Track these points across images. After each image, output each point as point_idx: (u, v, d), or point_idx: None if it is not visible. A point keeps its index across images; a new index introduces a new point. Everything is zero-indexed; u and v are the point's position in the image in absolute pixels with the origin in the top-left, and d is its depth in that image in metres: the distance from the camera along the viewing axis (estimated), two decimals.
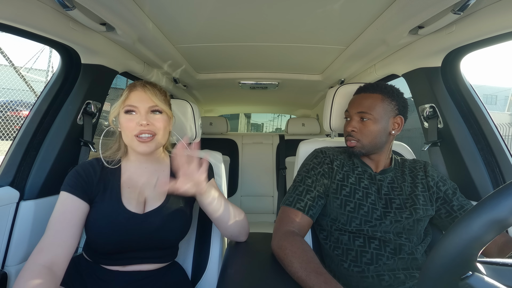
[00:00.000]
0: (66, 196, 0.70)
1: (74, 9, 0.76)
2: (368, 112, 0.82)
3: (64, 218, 0.68)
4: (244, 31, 1.08)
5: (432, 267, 0.36)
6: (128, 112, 0.75)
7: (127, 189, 0.77)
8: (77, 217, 0.69)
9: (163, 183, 0.81)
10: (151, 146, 0.76)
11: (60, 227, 0.67)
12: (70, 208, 0.69)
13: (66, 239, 0.66)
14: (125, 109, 0.75)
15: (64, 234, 0.66)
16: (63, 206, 0.69)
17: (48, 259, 0.62)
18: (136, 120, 0.74)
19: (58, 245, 0.65)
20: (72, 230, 0.68)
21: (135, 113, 0.75)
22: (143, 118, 0.74)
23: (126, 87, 0.80)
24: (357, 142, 0.84)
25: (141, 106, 0.75)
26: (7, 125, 4.40)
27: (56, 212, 0.69)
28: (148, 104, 0.75)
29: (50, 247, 0.64)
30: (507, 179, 0.88)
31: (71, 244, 0.67)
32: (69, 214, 0.69)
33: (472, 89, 0.98)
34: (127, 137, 0.76)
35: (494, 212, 0.33)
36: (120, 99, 0.77)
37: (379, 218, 0.79)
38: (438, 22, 0.82)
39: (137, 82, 0.80)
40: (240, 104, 2.88)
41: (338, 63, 1.38)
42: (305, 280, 0.61)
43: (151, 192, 0.79)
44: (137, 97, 0.76)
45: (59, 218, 0.68)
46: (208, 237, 0.99)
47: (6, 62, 4.13)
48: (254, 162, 2.38)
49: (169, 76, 1.64)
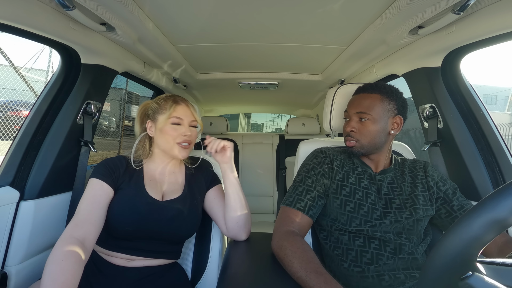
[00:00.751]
0: (96, 182, 0.79)
1: (74, 9, 0.76)
2: (367, 112, 0.82)
3: (94, 200, 0.76)
4: (244, 31, 1.08)
5: (432, 267, 0.36)
6: (175, 123, 0.87)
7: (149, 181, 0.87)
8: (105, 200, 0.77)
9: (180, 181, 0.92)
10: (188, 152, 0.90)
11: (91, 207, 0.74)
12: (100, 192, 0.77)
13: (96, 219, 0.73)
14: (172, 120, 0.86)
15: (94, 214, 0.74)
16: (93, 190, 0.77)
17: (82, 234, 0.69)
18: (181, 131, 0.87)
19: (90, 223, 0.72)
20: (101, 212, 0.75)
21: (180, 124, 0.87)
22: (187, 130, 0.87)
23: (167, 100, 0.89)
24: (356, 142, 0.84)
25: (185, 119, 0.88)
26: (7, 125, 4.40)
27: (87, 195, 0.77)
28: (191, 119, 0.89)
29: (83, 224, 0.71)
30: (507, 179, 0.88)
31: (99, 225, 0.74)
32: (99, 197, 0.77)
33: (472, 89, 0.98)
34: (168, 143, 0.86)
35: (494, 212, 0.33)
36: (167, 111, 0.86)
37: (379, 218, 0.79)
38: (438, 22, 0.82)
39: (178, 98, 0.90)
40: (240, 104, 2.88)
41: (338, 63, 1.38)
42: (305, 280, 0.61)
43: (169, 187, 0.89)
44: (182, 111, 0.88)
45: (90, 200, 0.76)
46: (208, 237, 0.99)
47: (6, 62, 4.13)
48: (254, 162, 2.38)
49: (169, 76, 1.64)
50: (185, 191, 0.90)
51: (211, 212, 0.93)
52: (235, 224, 0.87)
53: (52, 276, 0.58)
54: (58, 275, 0.59)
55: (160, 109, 0.88)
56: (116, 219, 0.77)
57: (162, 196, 0.86)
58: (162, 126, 0.86)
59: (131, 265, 0.80)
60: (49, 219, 0.95)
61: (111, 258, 0.80)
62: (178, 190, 0.89)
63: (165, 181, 0.90)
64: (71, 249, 0.64)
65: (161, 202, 0.84)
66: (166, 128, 0.86)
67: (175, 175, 0.93)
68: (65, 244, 0.65)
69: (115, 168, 0.83)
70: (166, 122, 0.86)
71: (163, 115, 0.86)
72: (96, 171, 0.81)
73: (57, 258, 0.62)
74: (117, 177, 0.83)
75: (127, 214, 0.78)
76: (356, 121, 0.85)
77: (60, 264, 0.61)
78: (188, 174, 0.95)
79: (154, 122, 0.88)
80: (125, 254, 0.79)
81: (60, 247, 0.64)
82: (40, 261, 0.94)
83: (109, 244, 0.80)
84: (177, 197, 0.87)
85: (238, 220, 0.87)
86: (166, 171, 0.91)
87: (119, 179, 0.83)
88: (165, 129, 0.86)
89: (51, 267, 0.60)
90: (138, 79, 1.49)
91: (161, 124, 0.86)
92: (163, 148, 0.88)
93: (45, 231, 0.94)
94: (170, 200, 0.85)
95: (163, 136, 0.87)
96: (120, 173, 0.83)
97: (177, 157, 0.88)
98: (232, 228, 0.88)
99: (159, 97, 0.92)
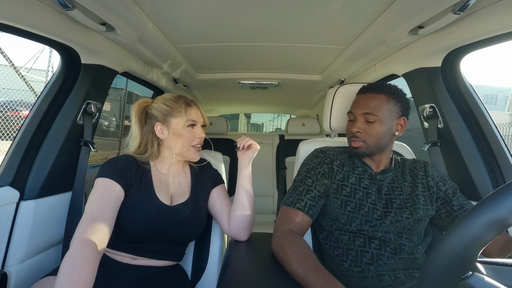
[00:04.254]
0: (110, 182, 0.75)
1: (74, 9, 0.76)
2: (374, 113, 0.81)
3: (110, 202, 0.72)
4: (244, 31, 1.08)
5: (432, 267, 0.36)
6: (191, 126, 0.88)
7: (158, 184, 0.86)
8: (118, 203, 0.75)
9: (186, 183, 0.93)
10: (199, 154, 0.92)
11: (107, 209, 0.71)
12: (114, 194, 0.74)
13: (111, 222, 0.70)
14: (189, 123, 0.87)
15: (110, 217, 0.71)
16: (108, 191, 0.74)
17: (99, 238, 0.65)
18: (197, 132, 0.89)
19: (106, 226, 0.68)
20: (114, 215, 0.72)
21: (195, 126, 0.89)
22: (202, 132, 0.90)
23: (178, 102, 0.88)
24: (362, 143, 0.84)
25: (199, 121, 0.90)
26: (7, 125, 4.40)
27: (102, 195, 0.73)
28: (202, 120, 0.91)
29: (101, 227, 0.67)
30: (507, 179, 0.88)
31: (112, 227, 0.71)
32: (113, 199, 0.74)
33: (472, 89, 0.98)
34: (185, 146, 0.87)
35: (494, 212, 0.33)
36: (183, 115, 0.86)
37: (379, 218, 0.79)
38: (438, 22, 0.82)
39: (188, 100, 0.90)
40: (240, 104, 2.88)
41: (338, 63, 1.38)
42: (303, 277, 0.61)
43: (176, 189, 0.89)
44: (195, 113, 0.89)
45: (106, 201, 0.72)
46: (208, 237, 1.00)
47: (6, 62, 4.13)
48: (254, 162, 2.34)
49: (169, 76, 1.64)
50: (192, 194, 0.90)
51: (214, 211, 0.94)
52: (240, 224, 0.87)
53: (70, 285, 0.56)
54: (76, 285, 0.56)
55: (173, 112, 0.86)
56: (127, 223, 0.76)
57: (170, 200, 0.86)
58: (180, 130, 0.85)
59: (135, 264, 0.80)
60: (49, 219, 0.95)
61: (116, 256, 0.80)
62: (185, 193, 0.89)
63: (172, 182, 0.90)
64: (90, 256, 0.61)
65: (171, 208, 0.83)
66: (183, 132, 0.86)
67: (180, 176, 0.93)
68: (84, 248, 0.62)
69: (127, 170, 0.81)
70: (184, 126, 0.86)
71: (179, 118, 0.86)
72: (108, 171, 0.77)
73: (77, 264, 0.59)
74: (129, 179, 0.80)
75: (139, 219, 0.77)
76: (362, 122, 0.84)
77: (80, 273, 0.58)
78: (193, 175, 0.95)
79: (166, 125, 0.86)
80: (131, 254, 0.80)
81: (79, 251, 0.61)
82: (40, 261, 0.94)
83: (115, 244, 0.80)
84: (185, 200, 0.87)
85: (244, 219, 0.88)
86: (173, 172, 0.91)
87: (131, 181, 0.81)
88: (183, 133, 0.86)
89: (70, 275, 0.57)
90: (138, 79, 1.49)
91: (179, 128, 0.85)
92: (179, 151, 0.88)
93: (45, 231, 0.94)
94: (178, 205, 0.85)
95: (179, 140, 0.86)
96: (132, 175, 0.81)
97: (192, 159, 0.90)
98: (235, 227, 0.88)
99: (165, 98, 0.89)
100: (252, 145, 0.92)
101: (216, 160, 1.11)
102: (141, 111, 0.90)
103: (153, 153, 0.89)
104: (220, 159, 1.14)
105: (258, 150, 0.93)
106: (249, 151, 0.92)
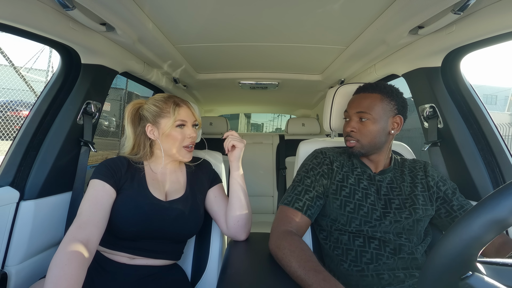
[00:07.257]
0: (98, 182, 0.77)
1: (74, 9, 0.76)
2: (367, 112, 0.82)
3: (97, 201, 0.74)
4: (244, 31, 1.08)
5: (432, 267, 0.36)
6: (180, 126, 0.86)
7: (151, 181, 0.86)
8: (107, 201, 0.76)
9: (181, 180, 0.92)
10: (192, 155, 0.90)
11: (94, 209, 0.73)
12: (102, 193, 0.76)
13: (99, 220, 0.72)
14: (178, 123, 0.86)
15: (97, 216, 0.72)
16: (96, 191, 0.76)
17: (85, 236, 0.68)
18: (187, 132, 0.87)
19: (93, 224, 0.71)
20: (103, 213, 0.74)
21: (185, 126, 0.87)
22: (192, 131, 0.88)
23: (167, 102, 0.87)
24: (356, 142, 0.84)
25: (189, 121, 0.88)
26: (7, 125, 4.40)
27: (89, 196, 0.75)
28: (193, 119, 0.89)
29: (86, 226, 0.70)
30: (507, 179, 0.88)
31: (102, 226, 0.73)
32: (101, 198, 0.75)
33: (472, 89, 0.98)
34: (175, 147, 0.86)
35: (494, 212, 0.33)
36: (171, 115, 0.85)
37: (378, 219, 0.79)
38: (438, 22, 0.82)
39: (177, 99, 0.89)
40: (240, 104, 2.87)
41: (338, 63, 1.38)
42: (304, 278, 0.61)
43: (171, 186, 0.89)
44: (185, 112, 0.87)
45: (93, 201, 0.74)
46: (208, 237, 1.00)
47: (6, 62, 4.13)
48: (254, 162, 2.38)
49: (169, 76, 1.64)
50: (187, 191, 0.90)
51: (212, 211, 0.94)
52: (236, 223, 0.87)
53: (55, 281, 0.58)
54: (61, 280, 0.59)
55: (162, 112, 0.86)
56: (121, 219, 0.77)
57: (165, 196, 0.86)
58: (169, 131, 0.85)
59: (133, 263, 0.80)
60: (49, 219, 0.95)
61: (113, 256, 0.80)
62: (180, 190, 0.89)
63: (167, 180, 0.90)
64: (75, 253, 0.63)
65: (165, 202, 0.84)
66: (172, 132, 0.85)
67: (176, 174, 0.93)
68: (68, 247, 0.64)
69: (116, 169, 0.82)
70: (172, 127, 0.85)
71: (167, 119, 0.85)
72: (97, 172, 0.79)
73: (61, 262, 0.62)
74: (119, 177, 0.82)
75: (132, 214, 0.78)
76: (356, 121, 0.85)
77: (64, 269, 0.60)
78: (189, 173, 0.95)
79: (156, 126, 0.87)
80: (128, 254, 0.80)
81: (63, 250, 0.64)
82: (40, 261, 0.94)
83: (112, 243, 0.80)
84: (179, 196, 0.87)
85: (239, 219, 0.87)
86: (168, 170, 0.91)
87: (121, 180, 0.82)
88: (172, 133, 0.85)
89: (55, 272, 0.60)
90: (138, 79, 1.49)
91: (167, 129, 0.85)
92: (169, 153, 0.88)
93: (45, 231, 0.94)
94: (173, 200, 0.85)
95: (168, 141, 0.86)
96: (122, 174, 0.83)
97: (182, 160, 0.89)
98: (232, 227, 0.88)
99: (155, 98, 0.89)
100: (236, 145, 0.88)
101: (216, 160, 1.11)
102: (134, 112, 0.91)
103: (145, 153, 0.89)
104: (220, 159, 1.14)
105: (243, 146, 0.89)
106: (234, 151, 0.89)
